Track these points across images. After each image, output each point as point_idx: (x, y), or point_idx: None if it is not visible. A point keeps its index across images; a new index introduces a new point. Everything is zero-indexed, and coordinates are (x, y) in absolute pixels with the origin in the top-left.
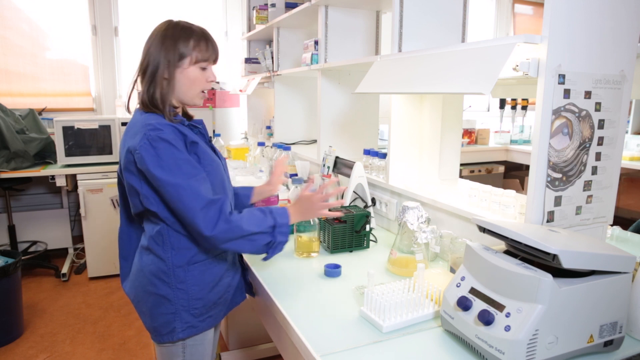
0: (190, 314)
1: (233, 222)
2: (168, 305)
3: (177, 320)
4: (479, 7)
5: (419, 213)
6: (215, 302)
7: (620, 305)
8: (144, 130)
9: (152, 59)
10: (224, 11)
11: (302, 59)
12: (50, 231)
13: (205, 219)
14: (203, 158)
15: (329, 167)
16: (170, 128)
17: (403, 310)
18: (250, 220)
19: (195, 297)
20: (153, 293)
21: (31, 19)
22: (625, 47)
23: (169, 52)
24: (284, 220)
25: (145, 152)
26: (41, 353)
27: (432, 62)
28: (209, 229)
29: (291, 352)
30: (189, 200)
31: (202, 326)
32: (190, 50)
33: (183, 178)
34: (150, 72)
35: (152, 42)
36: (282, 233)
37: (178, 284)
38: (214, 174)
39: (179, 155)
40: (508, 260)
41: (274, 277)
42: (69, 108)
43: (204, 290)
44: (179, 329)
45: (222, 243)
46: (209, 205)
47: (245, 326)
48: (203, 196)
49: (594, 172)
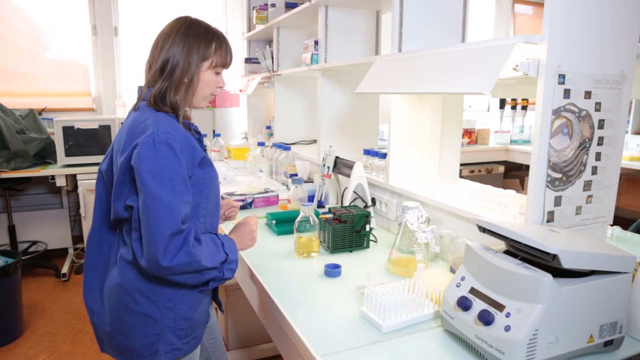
0: (175, 335)
1: (194, 255)
2: (153, 325)
3: (161, 342)
4: (479, 7)
5: (419, 213)
6: (199, 322)
7: (620, 305)
8: (153, 129)
9: (173, 56)
10: (224, 11)
11: (302, 59)
12: (50, 231)
13: (168, 248)
14: (209, 177)
15: (329, 167)
16: (182, 136)
17: (403, 310)
18: (208, 254)
19: (183, 317)
20: (136, 311)
21: (31, 19)
22: (625, 47)
23: (192, 52)
24: (234, 257)
25: (145, 150)
26: (41, 353)
27: (432, 62)
28: (167, 259)
29: (291, 352)
30: (163, 220)
31: (186, 348)
32: (211, 53)
33: (169, 195)
34: (169, 70)
35: (174, 40)
36: (230, 270)
37: (165, 303)
38: (212, 186)
39: (178, 168)
40: (508, 260)
41: (274, 277)
42: (69, 108)
43: (191, 309)
44: (162, 351)
45: (173, 275)
46: (177, 234)
47: (245, 326)
48: (177, 223)
49: (594, 172)
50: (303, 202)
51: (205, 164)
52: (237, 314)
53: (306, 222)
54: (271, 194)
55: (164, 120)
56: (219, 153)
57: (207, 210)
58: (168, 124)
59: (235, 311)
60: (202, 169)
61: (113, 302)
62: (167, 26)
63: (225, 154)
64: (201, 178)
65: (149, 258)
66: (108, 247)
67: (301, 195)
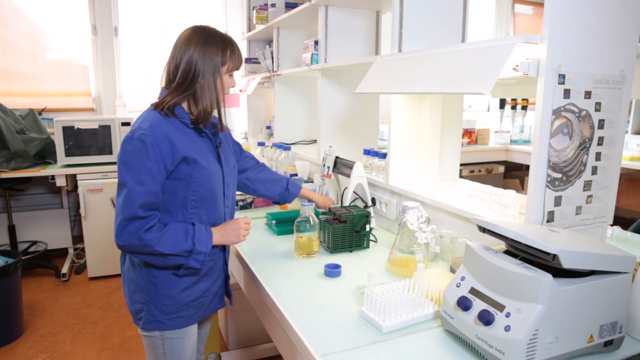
0: (157, 309)
1: (144, 240)
2: (140, 293)
3: (144, 311)
4: (479, 7)
5: (419, 213)
6: (186, 304)
7: (620, 305)
8: (135, 126)
9: (194, 65)
10: (224, 11)
11: (302, 59)
12: (50, 231)
13: (124, 229)
14: (193, 167)
15: (329, 167)
16: (161, 134)
17: (403, 310)
18: (168, 241)
19: (165, 294)
20: (133, 280)
21: (31, 19)
22: (625, 47)
23: (213, 59)
24: (202, 249)
25: (123, 144)
26: (41, 353)
27: (432, 62)
28: (121, 239)
29: (291, 352)
30: (123, 202)
31: (170, 324)
32: (227, 58)
33: (133, 184)
34: (190, 78)
35: (194, 49)
36: (197, 260)
37: (151, 278)
38: (202, 181)
39: (146, 161)
40: (508, 260)
41: (274, 277)
42: (69, 108)
43: (174, 289)
44: (145, 320)
45: (130, 253)
46: (135, 218)
47: (245, 326)
48: (134, 209)
49: (594, 172)
50: (303, 202)
51: (191, 161)
52: (237, 314)
53: (306, 222)
54: None
55: (149, 118)
56: None
57: (197, 202)
58: (150, 121)
59: (235, 311)
60: (188, 164)
61: (125, 270)
62: (184, 34)
63: None
64: (187, 173)
65: (114, 235)
66: None
67: None
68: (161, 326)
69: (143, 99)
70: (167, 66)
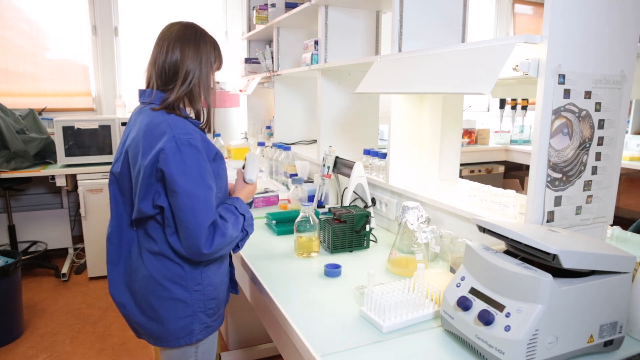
0: (206, 315)
1: (227, 234)
2: (185, 308)
3: (195, 322)
4: (479, 7)
5: (419, 213)
6: (224, 300)
7: (620, 305)
8: (172, 132)
9: (194, 65)
10: (224, 11)
11: (302, 59)
12: (50, 231)
13: (208, 237)
14: (222, 169)
15: (329, 167)
16: (199, 134)
17: (403, 310)
18: (232, 225)
19: (211, 297)
20: (168, 298)
21: (31, 19)
22: (625, 47)
23: (208, 59)
24: (249, 214)
25: (171, 154)
26: (41, 353)
27: (432, 62)
28: (208, 247)
29: (291, 352)
30: (201, 214)
31: (216, 325)
32: (216, 57)
33: (203, 190)
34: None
35: (192, 48)
36: (250, 225)
37: (195, 286)
38: (224, 178)
39: (204, 164)
40: (508, 260)
41: (274, 277)
42: (69, 108)
43: (217, 289)
44: (197, 330)
45: (214, 255)
46: (214, 223)
47: (245, 326)
48: (213, 213)
49: (594, 172)
50: (303, 202)
51: (218, 158)
52: (237, 314)
53: (306, 222)
54: (271, 194)
55: (178, 122)
56: None
57: (221, 199)
58: (184, 125)
59: (235, 311)
60: (216, 162)
61: (144, 293)
62: (176, 30)
63: (225, 154)
64: (215, 171)
65: (190, 250)
66: (128, 242)
67: (301, 195)
68: (211, 330)
69: None
70: (160, 65)
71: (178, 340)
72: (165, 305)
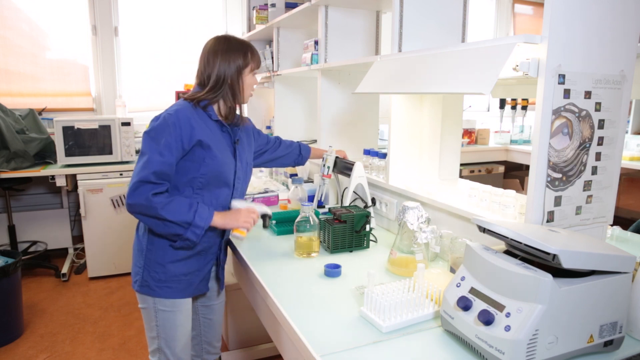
0: (149, 275)
1: (151, 202)
2: (139, 258)
3: (139, 275)
4: (479, 7)
5: (419, 213)
6: (176, 276)
7: (620, 305)
8: (166, 112)
9: (222, 73)
10: (224, 11)
11: (302, 59)
12: (50, 231)
13: (136, 190)
14: (206, 153)
15: (329, 167)
16: (184, 117)
17: (403, 310)
18: (172, 209)
19: (156, 262)
20: (136, 244)
21: (31, 19)
22: (625, 47)
23: (237, 63)
24: (200, 223)
25: (152, 122)
26: (41, 353)
27: (432, 62)
28: (132, 198)
29: (291, 352)
30: (140, 167)
31: (159, 292)
32: (249, 60)
33: (153, 152)
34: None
35: (220, 58)
36: (194, 233)
37: (149, 245)
38: (211, 167)
39: (167, 137)
40: (508, 260)
41: (274, 277)
42: (69, 108)
43: (165, 258)
44: (139, 283)
45: (136, 213)
46: (147, 182)
47: (245, 326)
48: (148, 174)
49: (594, 172)
50: (303, 202)
51: (205, 147)
52: (237, 314)
53: (306, 222)
54: (271, 194)
55: (177, 105)
56: None
57: (204, 185)
58: (178, 107)
59: (235, 311)
60: (203, 149)
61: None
62: (209, 44)
63: None
64: (201, 156)
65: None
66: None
67: (301, 195)
68: (150, 292)
69: (143, 99)
70: (199, 73)
71: (134, 282)
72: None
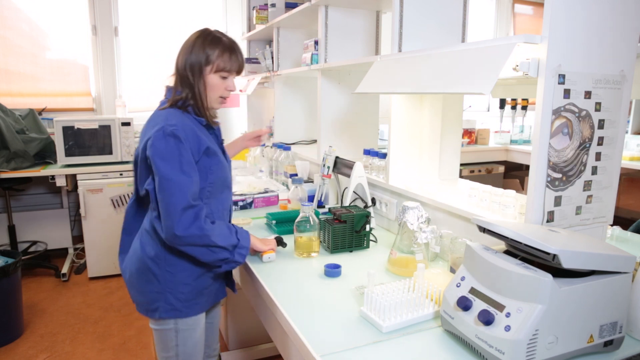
0: (175, 297)
1: (204, 230)
2: (155, 283)
3: (160, 300)
4: (479, 7)
5: (419, 213)
6: (201, 291)
7: (620, 305)
8: (163, 123)
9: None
10: (224, 11)
11: (302, 59)
12: (50, 231)
13: (182, 219)
14: (212, 160)
15: (329, 167)
16: (188, 127)
17: (403, 310)
18: (220, 234)
19: (183, 282)
20: (143, 270)
21: (31, 19)
22: (625, 47)
23: (198, 57)
24: (245, 244)
25: (156, 141)
26: (41, 353)
27: (432, 62)
28: (182, 229)
29: (291, 352)
30: (175, 196)
31: (186, 312)
32: (214, 58)
33: (179, 175)
34: (184, 77)
35: (188, 49)
36: (241, 255)
37: (167, 267)
38: (218, 174)
39: (184, 153)
40: (508, 260)
41: (274, 277)
42: (69, 108)
43: (192, 276)
44: (161, 309)
45: (186, 245)
46: (189, 207)
47: (245, 326)
48: (187, 198)
49: (594, 172)
50: (303, 202)
51: (212, 154)
52: (237, 314)
53: (306, 222)
54: (271, 194)
55: (173, 115)
56: None
57: (212, 193)
58: (175, 118)
59: (235, 311)
60: (209, 157)
61: (132, 261)
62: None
63: None
64: (207, 165)
65: (166, 230)
66: (141, 217)
67: (301, 195)
68: (179, 314)
69: (143, 99)
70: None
71: (147, 312)
72: (142, 276)
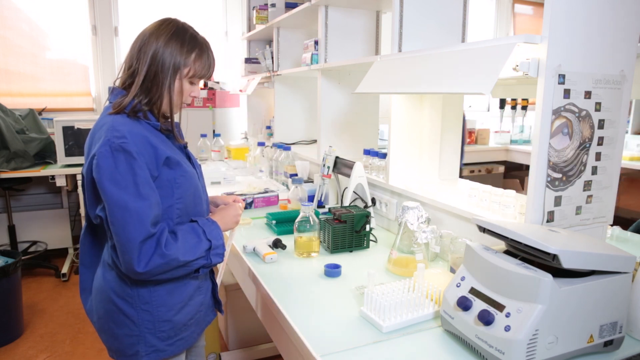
0: (156, 337)
1: (168, 255)
2: (132, 326)
3: (140, 344)
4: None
5: (419, 213)
6: (185, 324)
7: (620, 305)
8: (108, 136)
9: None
10: (224, 11)
11: (302, 59)
12: (50, 231)
13: (141, 254)
14: (176, 171)
15: (329, 167)
16: (139, 137)
17: (403, 310)
18: (187, 248)
19: (162, 319)
20: (116, 312)
21: (31, 19)
22: (625, 47)
23: (174, 57)
24: (218, 242)
25: (103, 160)
26: (41, 353)
27: (432, 62)
28: (142, 266)
29: (291, 352)
30: (132, 227)
31: (171, 350)
32: (191, 61)
33: (135, 201)
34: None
35: (160, 42)
36: (218, 254)
37: (142, 305)
38: (185, 186)
39: (140, 172)
40: (508, 260)
41: (274, 277)
42: (69, 108)
43: (172, 311)
44: (142, 353)
45: (154, 277)
46: (148, 238)
47: (245, 326)
48: (147, 227)
49: (594, 172)
50: (303, 202)
51: (174, 164)
52: (237, 314)
53: (306, 222)
54: (271, 194)
55: (119, 123)
56: (218, 153)
57: (183, 210)
58: (123, 127)
59: (235, 311)
60: (171, 168)
61: (97, 302)
62: (151, 26)
63: (225, 154)
64: (170, 178)
65: (125, 266)
66: (98, 247)
67: (301, 195)
68: (162, 354)
69: None
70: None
71: (125, 357)
72: (114, 318)
